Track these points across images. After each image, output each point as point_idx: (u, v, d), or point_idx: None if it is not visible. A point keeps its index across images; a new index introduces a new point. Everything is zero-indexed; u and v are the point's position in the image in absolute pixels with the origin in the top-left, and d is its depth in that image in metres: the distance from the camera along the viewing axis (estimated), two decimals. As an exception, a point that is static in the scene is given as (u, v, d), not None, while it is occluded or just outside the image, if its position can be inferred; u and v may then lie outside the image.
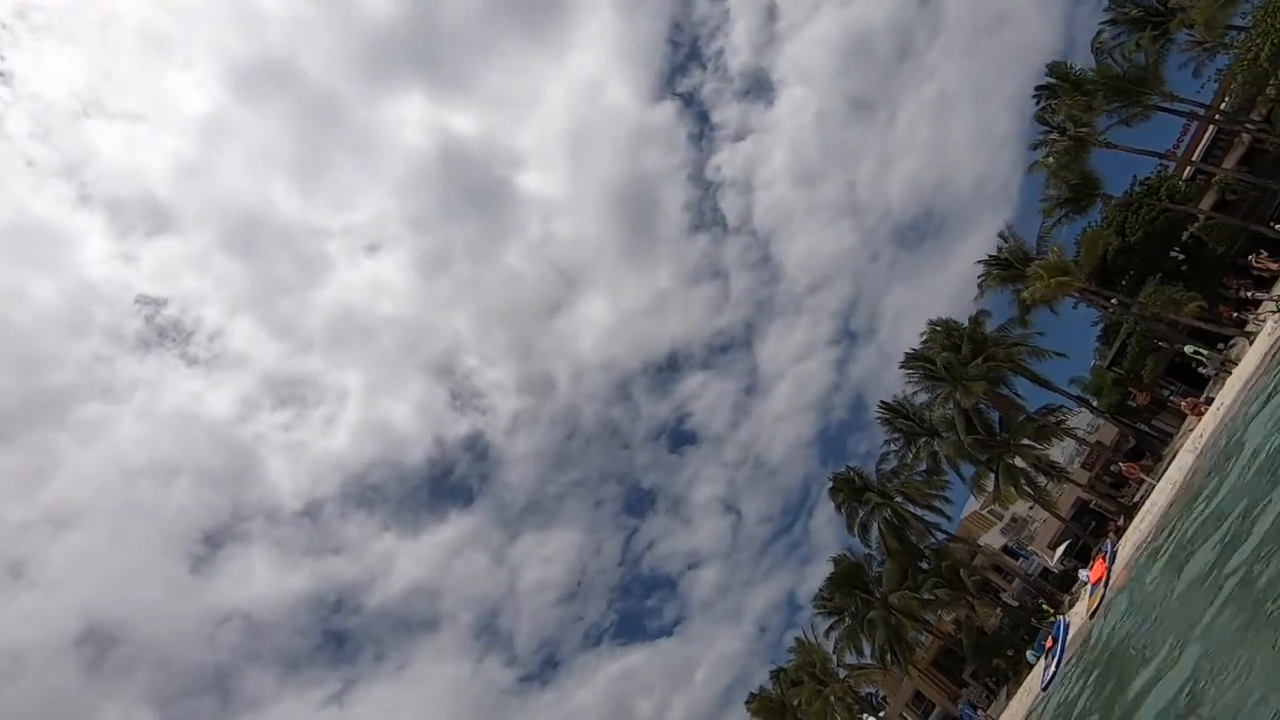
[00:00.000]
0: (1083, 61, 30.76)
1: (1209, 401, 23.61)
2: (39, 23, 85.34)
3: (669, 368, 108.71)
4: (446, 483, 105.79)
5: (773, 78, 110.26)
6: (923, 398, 33.00)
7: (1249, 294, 27.94)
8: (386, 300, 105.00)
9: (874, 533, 33.56)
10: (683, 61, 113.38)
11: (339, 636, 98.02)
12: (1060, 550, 34.86)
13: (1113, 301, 32.12)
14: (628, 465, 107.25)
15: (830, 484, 34.89)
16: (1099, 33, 30.03)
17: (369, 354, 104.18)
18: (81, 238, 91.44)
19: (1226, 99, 30.34)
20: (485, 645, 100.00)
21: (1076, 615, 23.51)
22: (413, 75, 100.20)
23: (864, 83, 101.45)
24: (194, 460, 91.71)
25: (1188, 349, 27.72)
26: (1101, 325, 37.41)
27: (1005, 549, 40.09)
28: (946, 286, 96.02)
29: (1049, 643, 23.61)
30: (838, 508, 34.35)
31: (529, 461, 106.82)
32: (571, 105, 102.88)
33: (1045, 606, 30.08)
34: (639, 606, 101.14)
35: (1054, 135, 31.12)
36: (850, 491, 33.92)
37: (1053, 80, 30.68)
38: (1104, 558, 22.97)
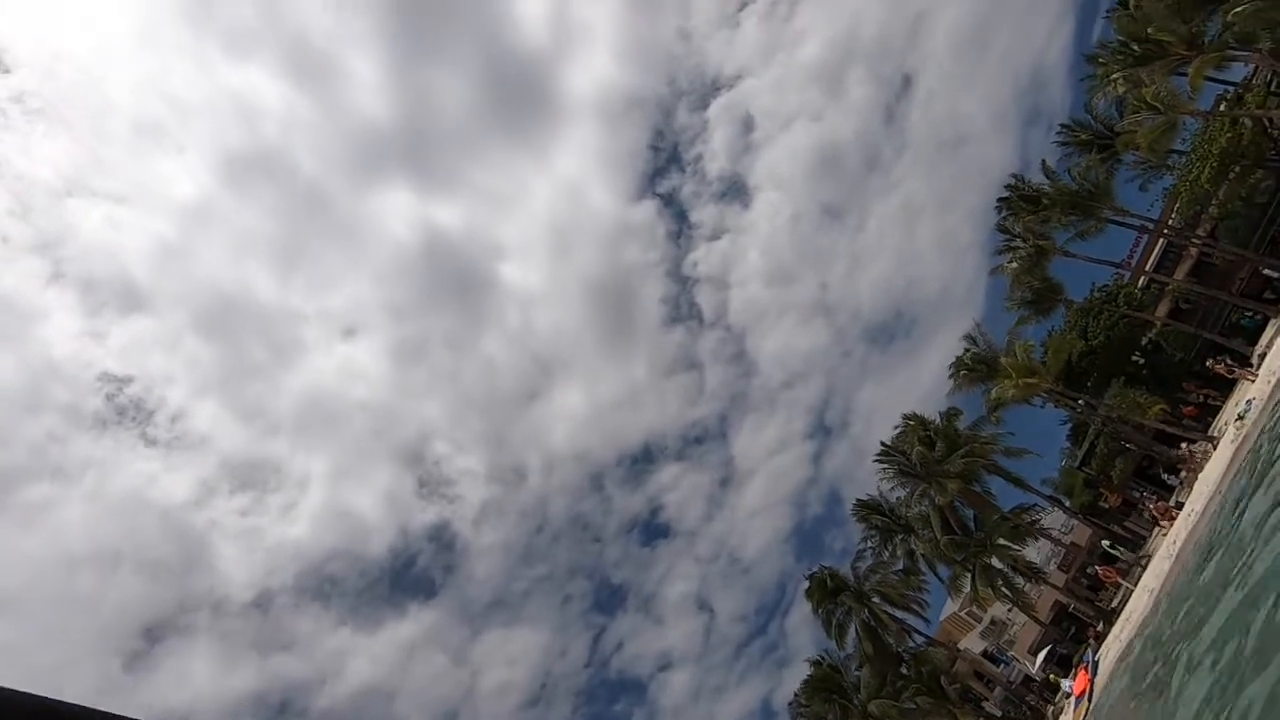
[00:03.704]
0: (1038, 178, 32.83)
1: (1179, 506, 23.81)
2: (33, 107, 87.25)
3: (643, 459, 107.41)
4: (408, 575, 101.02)
5: (749, 182, 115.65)
6: (898, 492, 32.91)
7: (1209, 398, 28.82)
8: (359, 385, 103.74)
9: (851, 635, 32.56)
10: (663, 165, 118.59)
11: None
12: (1041, 656, 33.96)
13: (1079, 402, 32.86)
14: (598, 560, 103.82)
15: (806, 585, 34.11)
16: (1044, 159, 32.38)
17: (337, 439, 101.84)
18: (49, 314, 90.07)
19: (1173, 215, 32.31)
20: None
21: (1061, 729, 22.65)
22: (401, 171, 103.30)
23: (835, 191, 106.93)
24: (141, 547, 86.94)
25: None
26: (1070, 425, 38.09)
27: (986, 654, 38.99)
28: (917, 385, 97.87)
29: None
30: (814, 609, 33.47)
31: (496, 554, 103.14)
32: (554, 201, 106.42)
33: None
34: (606, 712, 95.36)
35: (1015, 243, 32.71)
36: (826, 592, 33.11)
37: (1012, 194, 32.53)
38: (1086, 668, 22.40)
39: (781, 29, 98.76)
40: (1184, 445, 26.94)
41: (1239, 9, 24.20)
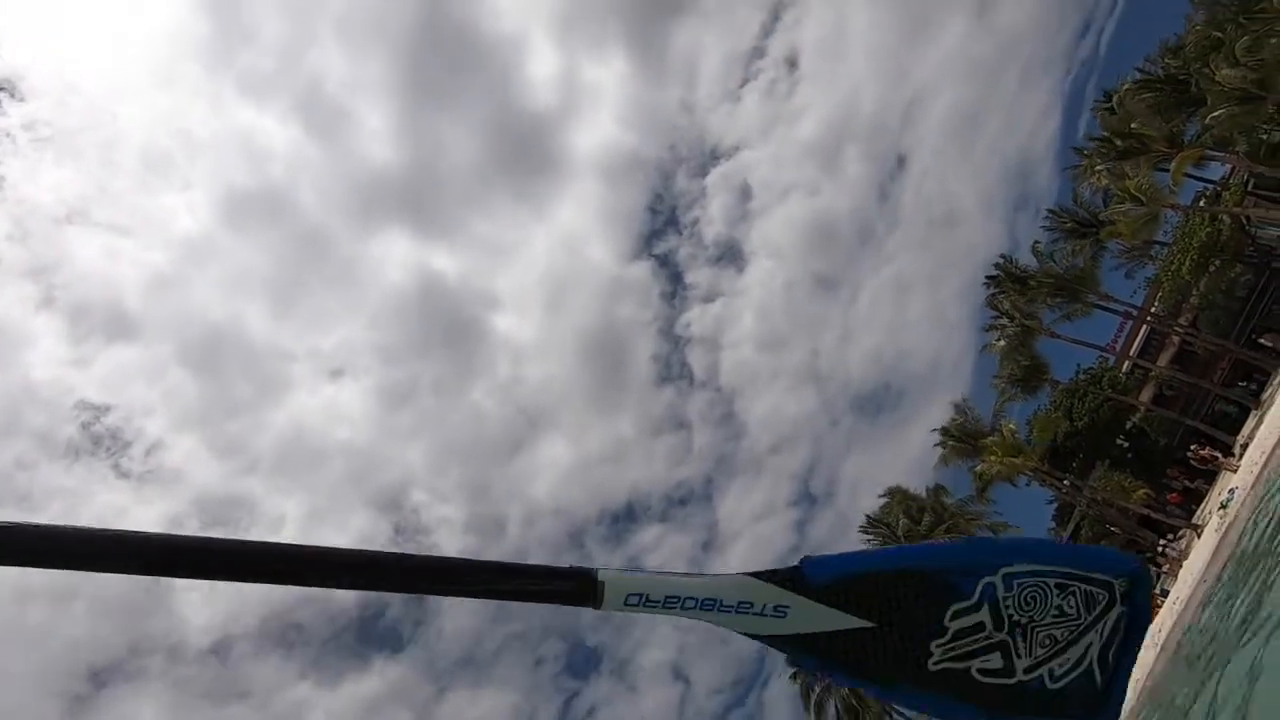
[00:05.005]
0: (1026, 259, 33.84)
1: (1164, 595, 23.62)
2: (43, 135, 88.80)
3: (625, 518, 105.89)
4: (376, 626, 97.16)
5: (744, 249, 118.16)
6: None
7: (1193, 485, 28.94)
8: (343, 427, 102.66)
9: (831, 713, 31.60)
10: (661, 227, 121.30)
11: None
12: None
13: (1065, 483, 32.90)
14: (573, 621, 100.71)
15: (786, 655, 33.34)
16: (1036, 241, 33.48)
17: (315, 481, 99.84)
18: (35, 339, 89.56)
19: (1156, 303, 33.16)
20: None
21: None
22: (403, 217, 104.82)
23: (828, 261, 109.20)
24: (99, 583, 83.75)
25: None
26: (1055, 505, 38.04)
27: (968, 739, 37.83)
28: (902, 458, 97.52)
29: None
30: (792, 677, 32.68)
31: (468, 609, 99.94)
32: (552, 255, 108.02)
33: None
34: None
35: (1003, 322, 33.39)
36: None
37: (1000, 273, 33.39)
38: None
39: (781, 106, 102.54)
40: (1163, 542, 27.04)
41: (1215, 114, 25.46)
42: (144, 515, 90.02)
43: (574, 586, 1.07)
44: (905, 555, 1.22)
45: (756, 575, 1.15)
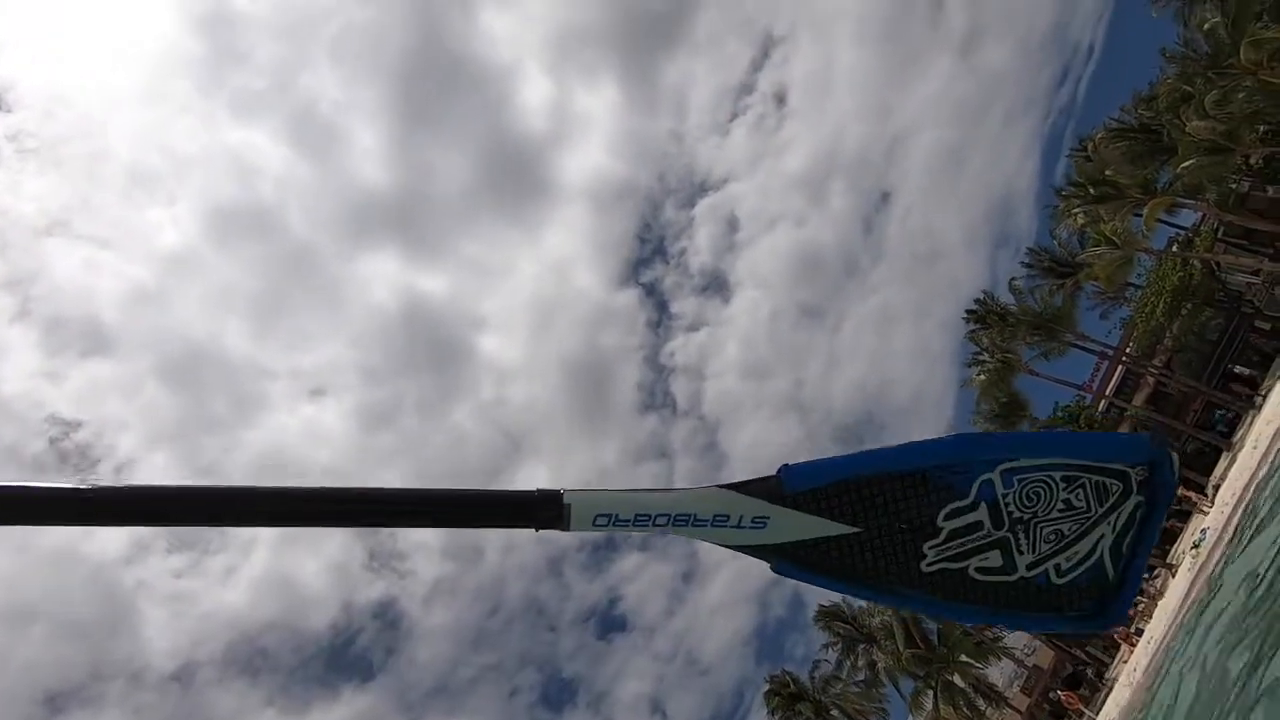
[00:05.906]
0: (1007, 296, 34.57)
1: (1139, 633, 23.75)
2: (28, 146, 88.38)
3: (606, 546, 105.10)
4: (347, 653, 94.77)
5: (730, 279, 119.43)
6: (861, 601, 32.46)
7: (1167, 524, 29.28)
8: (321, 448, 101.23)
9: (809, 748, 31.19)
10: (648, 255, 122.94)
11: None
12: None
13: (1042, 520, 33.15)
14: (551, 650, 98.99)
15: (766, 686, 33.04)
16: (1013, 279, 34.25)
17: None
18: (7, 351, 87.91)
19: (1131, 344, 33.88)
20: None
21: None
22: (391, 238, 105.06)
23: (813, 293, 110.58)
24: (63, 604, 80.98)
25: None
26: (1033, 542, 38.29)
27: (946, 779, 37.36)
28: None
29: None
30: (770, 712, 32.30)
31: (443, 637, 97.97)
32: (540, 279, 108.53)
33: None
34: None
35: (983, 356, 33.93)
36: (785, 698, 31.99)
37: (979, 309, 34.02)
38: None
39: (769, 139, 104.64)
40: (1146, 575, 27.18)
41: (1186, 163, 26.34)
42: (109, 535, 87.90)
43: (540, 509, 1.05)
44: (890, 457, 1.13)
45: (732, 487, 1.10)
